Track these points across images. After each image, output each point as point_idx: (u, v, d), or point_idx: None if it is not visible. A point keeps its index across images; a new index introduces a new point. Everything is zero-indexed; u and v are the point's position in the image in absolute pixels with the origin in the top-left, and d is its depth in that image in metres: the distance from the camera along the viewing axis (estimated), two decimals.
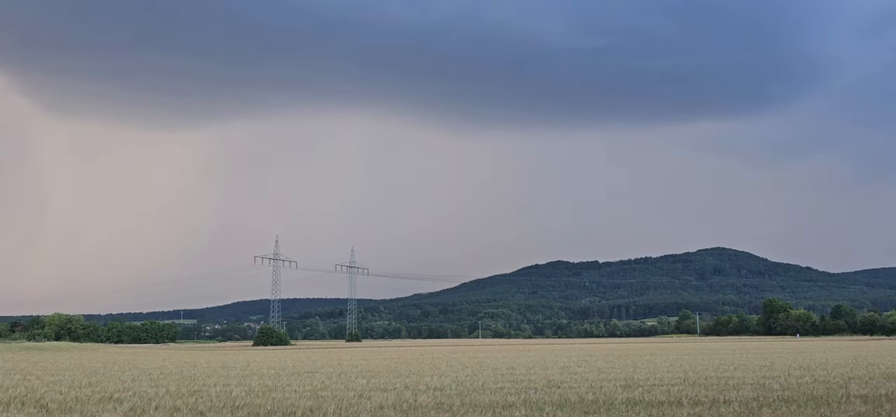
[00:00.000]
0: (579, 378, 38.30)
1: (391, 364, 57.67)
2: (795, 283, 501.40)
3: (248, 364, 60.72)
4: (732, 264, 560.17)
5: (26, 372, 46.64)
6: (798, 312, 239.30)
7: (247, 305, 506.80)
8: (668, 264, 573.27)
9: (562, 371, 44.92)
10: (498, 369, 48.35)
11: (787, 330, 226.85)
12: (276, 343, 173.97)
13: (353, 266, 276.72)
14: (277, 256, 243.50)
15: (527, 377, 40.11)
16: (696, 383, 34.73)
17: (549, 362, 58.25)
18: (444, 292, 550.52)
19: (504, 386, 33.53)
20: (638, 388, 31.87)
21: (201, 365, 57.50)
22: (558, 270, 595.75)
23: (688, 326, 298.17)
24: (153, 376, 43.29)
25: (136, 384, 36.50)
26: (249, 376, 42.92)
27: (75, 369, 51.56)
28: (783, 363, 52.83)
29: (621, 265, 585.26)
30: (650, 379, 37.28)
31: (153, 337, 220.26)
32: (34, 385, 35.78)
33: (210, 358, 75.43)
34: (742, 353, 75.11)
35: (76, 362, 63.97)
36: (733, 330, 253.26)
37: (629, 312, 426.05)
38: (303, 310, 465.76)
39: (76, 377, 42.09)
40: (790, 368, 46.08)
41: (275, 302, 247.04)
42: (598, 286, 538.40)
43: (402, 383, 35.83)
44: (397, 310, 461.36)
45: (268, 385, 35.55)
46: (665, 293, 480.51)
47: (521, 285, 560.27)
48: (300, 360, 68.03)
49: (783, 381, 35.17)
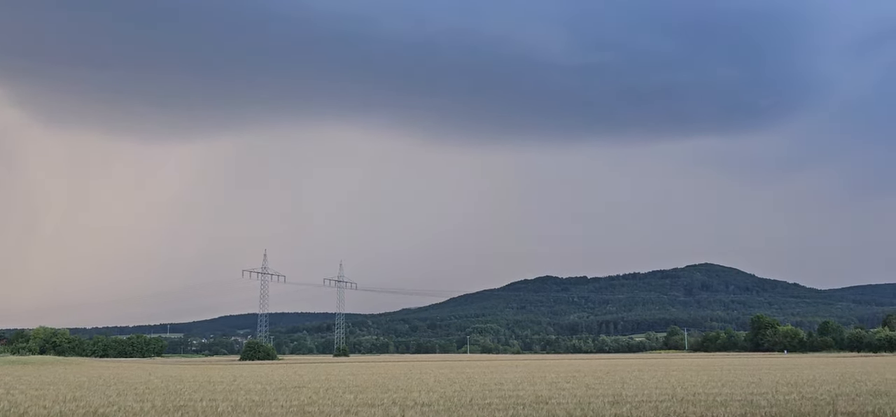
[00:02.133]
0: (567, 394, 38.26)
1: (379, 379, 57.42)
2: (783, 300, 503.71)
3: (235, 378, 60.28)
4: (720, 280, 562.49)
5: (10, 386, 46.12)
6: (785, 328, 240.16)
7: (234, 319, 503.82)
8: (656, 280, 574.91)
9: (550, 387, 44.87)
10: (486, 384, 48.24)
11: (774, 346, 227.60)
12: (263, 357, 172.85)
13: (342, 280, 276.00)
14: (265, 270, 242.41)
15: (515, 392, 40.04)
16: (684, 399, 34.78)
17: (537, 377, 58.16)
18: (432, 307, 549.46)
19: (492, 402, 33.46)
20: (626, 404, 31.87)
21: (187, 380, 57.04)
22: (547, 285, 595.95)
23: (676, 342, 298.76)
24: (139, 391, 42.91)
25: (122, 399, 36.16)
26: (236, 391, 42.61)
27: (60, 383, 51.03)
28: (771, 379, 52.99)
29: (610, 280, 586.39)
30: (638, 396, 37.30)
31: (139, 352, 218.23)
32: (18, 399, 35.38)
33: (196, 373, 74.83)
34: (730, 369, 75.31)
35: (61, 376, 63.32)
36: (721, 347, 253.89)
37: (618, 328, 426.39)
38: (290, 325, 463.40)
39: (61, 391, 41.65)
40: (778, 384, 46.22)
41: (262, 316, 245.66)
42: (586, 301, 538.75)
43: (390, 398, 35.68)
44: (385, 325, 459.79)
45: (254, 400, 35.31)
46: (653, 309, 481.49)
47: (510, 300, 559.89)
48: (287, 375, 67.62)
49: (771, 398, 35.27)
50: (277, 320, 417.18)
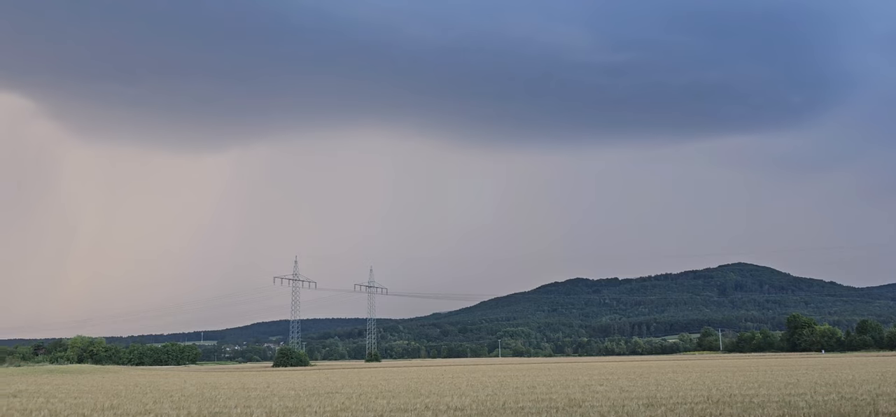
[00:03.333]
0: (601, 397, 37.93)
1: (411, 383, 57.49)
2: (819, 298, 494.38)
3: (268, 385, 60.80)
4: (754, 280, 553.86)
5: (49, 395, 47.01)
6: (822, 328, 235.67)
7: (266, 326, 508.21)
8: (688, 280, 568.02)
9: (583, 390, 44.53)
10: (518, 388, 48.03)
11: (811, 346, 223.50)
12: (295, 363, 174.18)
13: (372, 286, 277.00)
14: (296, 277, 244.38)
15: (548, 396, 39.80)
16: (719, 401, 34.28)
17: (569, 380, 57.78)
18: (462, 311, 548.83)
19: (525, 406, 33.29)
20: (661, 407, 31.51)
21: (222, 387, 57.66)
22: (578, 287, 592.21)
23: (710, 343, 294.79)
24: (174, 398, 43.46)
25: (158, 406, 36.65)
26: (270, 397, 42.96)
27: (97, 391, 51.89)
28: (808, 380, 52.01)
29: (642, 281, 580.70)
30: (673, 398, 36.85)
31: (174, 359, 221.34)
32: (57, 408, 36.04)
33: (230, 380, 75.64)
34: (766, 370, 74.08)
35: (98, 384, 64.42)
36: (756, 347, 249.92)
37: (650, 329, 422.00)
38: (322, 331, 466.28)
39: (98, 399, 42.35)
40: (816, 385, 45.34)
41: (294, 322, 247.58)
42: (618, 303, 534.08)
43: (423, 403, 35.68)
44: (416, 330, 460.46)
45: (288, 406, 35.55)
46: (686, 309, 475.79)
47: (541, 303, 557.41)
48: (320, 381, 68.01)
49: (809, 399, 34.61)
50: (309, 326, 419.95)
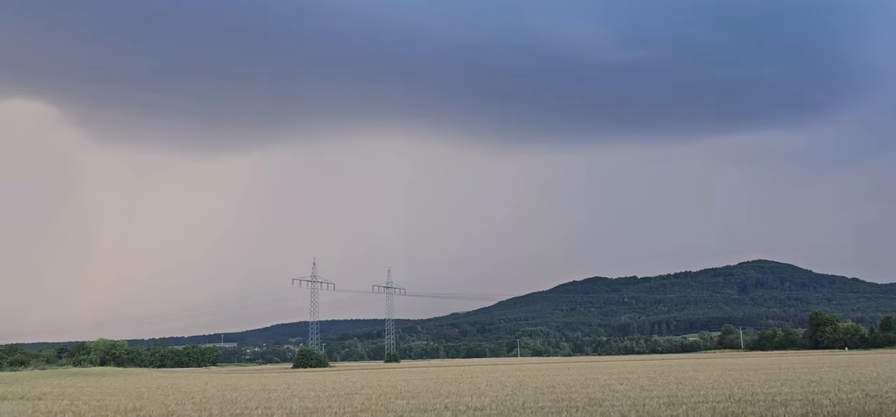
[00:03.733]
0: (621, 396, 37.74)
1: (431, 384, 57.53)
2: (842, 295, 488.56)
3: (289, 386, 61.11)
4: (775, 277, 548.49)
5: (74, 397, 47.56)
6: (846, 325, 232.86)
7: (286, 328, 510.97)
8: (708, 278, 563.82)
9: (603, 389, 44.32)
10: (538, 387, 47.90)
11: (834, 343, 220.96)
12: (315, 364, 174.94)
13: (390, 286, 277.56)
14: (315, 278, 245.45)
15: (567, 395, 39.66)
16: (741, 399, 33.98)
17: (589, 380, 57.54)
18: (480, 311, 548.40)
19: (545, 405, 33.20)
20: (682, 405, 31.29)
21: (242, 388, 58.04)
22: (596, 286, 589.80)
23: (731, 341, 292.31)
24: (196, 400, 43.79)
25: (180, 408, 36.96)
26: (290, 398, 43.17)
27: (120, 394, 52.43)
28: (832, 377, 51.41)
29: (661, 280, 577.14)
30: (694, 396, 36.58)
31: (195, 361, 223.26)
32: (81, 409, 36.46)
33: (251, 381, 76.11)
34: (788, 368, 73.33)
35: (121, 387, 65.08)
36: (778, 345, 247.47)
37: (670, 328, 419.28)
38: (341, 332, 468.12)
39: (121, 401, 42.78)
40: (840, 383, 44.81)
41: (313, 324, 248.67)
42: (637, 301, 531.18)
43: (442, 403, 35.68)
44: (435, 330, 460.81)
45: (308, 407, 35.71)
46: (706, 307, 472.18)
47: (559, 302, 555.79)
48: (340, 382, 68.26)
49: (833, 396, 34.21)
50: (328, 327, 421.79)
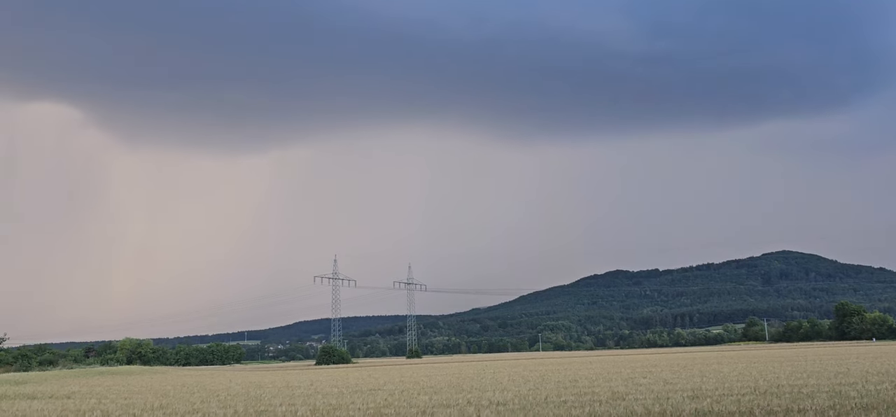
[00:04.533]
0: (645, 390, 37.53)
1: (453, 379, 57.59)
2: (869, 285, 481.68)
3: (312, 383, 61.49)
4: (800, 268, 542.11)
5: (101, 396, 48.20)
6: (873, 315, 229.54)
7: (308, 325, 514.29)
8: (731, 270, 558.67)
9: (626, 383, 44.10)
10: (560, 382, 47.78)
11: (861, 334, 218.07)
12: (337, 361, 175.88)
13: (411, 282, 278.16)
14: (336, 275, 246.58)
15: (590, 389, 39.52)
16: (767, 392, 33.65)
17: (612, 373, 57.28)
18: (502, 305, 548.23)
19: (567, 400, 33.11)
20: (706, 399, 31.05)
21: (266, 386, 58.49)
22: (618, 280, 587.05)
23: (755, 333, 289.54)
24: (221, 397, 44.21)
25: (206, 405, 37.32)
26: (314, 395, 43.44)
27: (147, 392, 53.06)
28: (859, 369, 50.73)
29: (683, 272, 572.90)
30: (719, 389, 36.29)
31: (219, 359, 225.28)
32: (109, 408, 36.95)
33: (274, 378, 76.69)
34: (815, 360, 72.49)
35: (147, 385, 65.87)
36: (804, 336, 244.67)
37: (693, 320, 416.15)
38: (363, 328, 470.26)
39: (148, 399, 43.30)
40: (867, 374, 44.22)
41: (335, 320, 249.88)
42: (659, 294, 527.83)
43: (465, 398, 35.71)
44: (456, 325, 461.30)
45: (332, 403, 35.91)
46: (730, 300, 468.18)
47: (581, 296, 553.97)
48: (362, 378, 68.56)
49: (861, 388, 33.76)
50: (350, 324, 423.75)
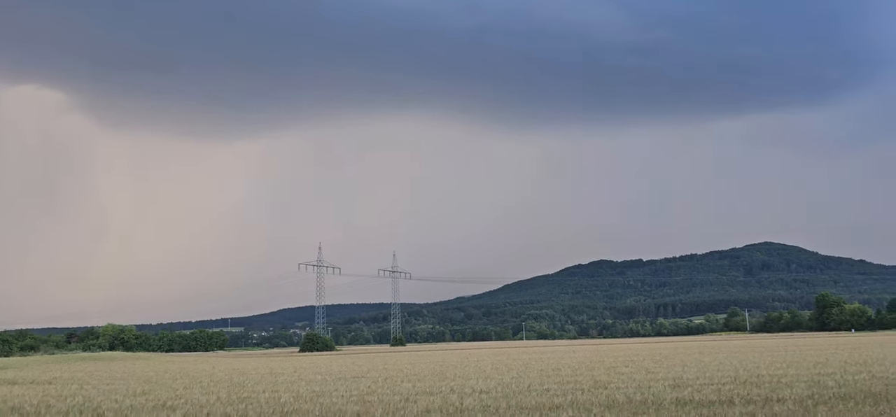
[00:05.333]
0: (627, 379, 37.85)
1: (436, 367, 57.76)
2: (849, 277, 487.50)
3: (295, 370, 61.45)
4: (781, 259, 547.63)
5: (83, 382, 47.91)
6: (852, 307, 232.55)
7: (292, 312, 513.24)
8: (714, 260, 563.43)
9: (608, 372, 44.44)
10: (543, 370, 48.06)
11: (841, 325, 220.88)
12: (321, 348, 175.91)
13: (396, 270, 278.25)
14: (321, 263, 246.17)
15: (573, 378, 39.80)
16: (747, 381, 34.04)
17: (595, 362, 57.69)
18: (486, 294, 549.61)
19: (550, 388, 33.33)
20: (687, 388, 31.37)
21: (250, 372, 58.38)
22: (602, 269, 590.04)
23: (737, 323, 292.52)
24: (204, 383, 44.09)
25: (188, 392, 37.22)
26: (297, 382, 43.43)
27: (129, 378, 52.80)
28: (838, 359, 51.42)
29: (666, 262, 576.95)
30: (700, 378, 36.66)
31: (202, 346, 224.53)
32: (91, 394, 36.74)
33: (258, 365, 76.55)
34: (794, 350, 73.38)
35: (129, 371, 65.54)
36: (784, 327, 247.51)
37: (675, 310, 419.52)
38: (347, 316, 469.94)
39: (130, 385, 43.10)
40: (846, 364, 44.82)
41: (319, 308, 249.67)
42: (642, 284, 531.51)
43: (448, 386, 35.85)
44: (441, 314, 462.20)
45: (315, 390, 35.93)
46: (712, 290, 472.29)
47: (565, 286, 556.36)
48: (346, 365, 68.60)
49: (839, 378, 34.23)
50: (334, 312, 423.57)
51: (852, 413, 21.56)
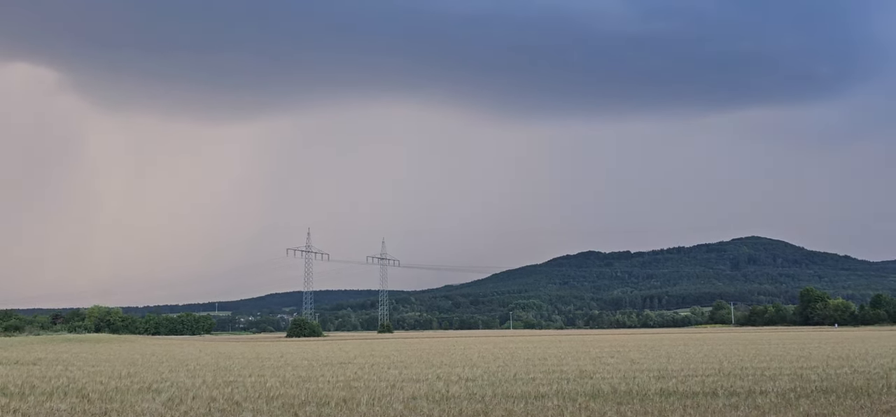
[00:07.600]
0: (612, 369, 38.08)
1: (423, 355, 57.90)
2: (833, 272, 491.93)
3: (282, 355, 61.43)
4: (768, 253, 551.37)
5: (68, 363, 47.72)
6: (836, 302, 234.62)
7: (280, 297, 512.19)
8: (701, 253, 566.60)
9: (594, 362, 44.70)
10: (530, 360, 48.27)
11: (824, 320, 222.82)
12: (308, 334, 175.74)
13: (384, 257, 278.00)
14: (309, 248, 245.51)
15: (559, 368, 40.01)
16: (731, 373, 34.34)
17: (580, 353, 57.99)
18: (474, 283, 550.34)
19: (536, 377, 33.49)
20: (672, 379, 31.61)
21: (236, 357, 58.31)
22: (589, 260, 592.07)
23: (722, 316, 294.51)
24: (190, 367, 44.01)
25: (174, 375, 37.15)
26: (283, 367, 43.43)
27: (115, 360, 52.63)
28: (821, 353, 51.94)
29: (654, 255, 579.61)
30: (684, 370, 36.94)
31: (189, 329, 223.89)
32: (75, 375, 36.61)
33: (245, 350, 76.46)
34: (778, 344, 74.03)
35: (115, 353, 65.30)
36: (769, 321, 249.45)
37: (662, 302, 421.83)
38: (335, 302, 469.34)
39: (116, 368, 42.97)
40: (828, 359, 45.29)
41: (307, 293, 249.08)
42: (629, 276, 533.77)
43: (434, 374, 35.96)
44: (428, 302, 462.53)
45: (301, 375, 35.95)
46: (698, 283, 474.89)
47: (552, 276, 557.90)
48: (333, 351, 68.63)
49: (821, 372, 34.59)
50: (322, 297, 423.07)
51: (834, 407, 21.79)
